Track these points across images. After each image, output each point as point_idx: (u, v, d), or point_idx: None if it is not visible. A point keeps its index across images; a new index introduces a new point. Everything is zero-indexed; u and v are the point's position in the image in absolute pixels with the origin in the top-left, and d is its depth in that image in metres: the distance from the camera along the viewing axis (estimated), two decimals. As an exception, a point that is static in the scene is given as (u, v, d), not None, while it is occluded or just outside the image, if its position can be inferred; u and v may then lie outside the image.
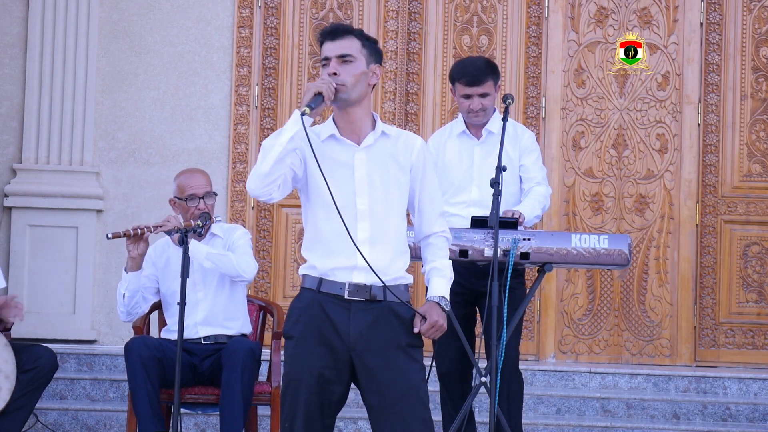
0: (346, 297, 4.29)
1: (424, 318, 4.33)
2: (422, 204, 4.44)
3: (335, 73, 4.28)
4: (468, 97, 6.11)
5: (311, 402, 4.27)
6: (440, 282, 4.43)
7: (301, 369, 4.28)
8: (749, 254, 8.56)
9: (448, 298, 4.42)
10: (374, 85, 4.41)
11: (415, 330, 4.33)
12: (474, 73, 6.10)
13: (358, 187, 4.30)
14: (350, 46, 4.33)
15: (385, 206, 4.32)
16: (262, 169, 4.20)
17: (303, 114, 4.17)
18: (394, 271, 4.32)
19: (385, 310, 4.31)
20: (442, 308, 4.37)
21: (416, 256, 4.96)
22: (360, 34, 4.36)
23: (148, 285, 6.33)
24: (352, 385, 4.39)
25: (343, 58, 4.30)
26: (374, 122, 4.39)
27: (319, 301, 4.29)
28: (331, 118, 4.38)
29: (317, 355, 4.26)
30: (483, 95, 6.11)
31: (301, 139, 4.21)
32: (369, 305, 4.30)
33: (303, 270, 4.37)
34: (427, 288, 4.49)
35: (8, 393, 6.27)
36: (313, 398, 4.27)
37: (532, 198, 6.15)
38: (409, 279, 4.39)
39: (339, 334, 4.28)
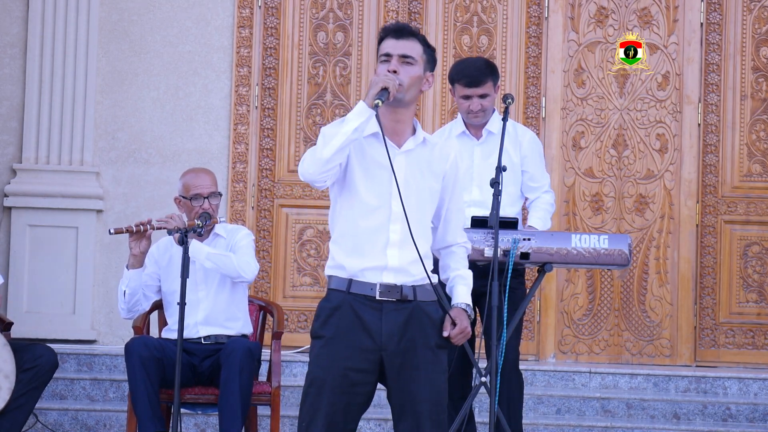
0: (377, 297, 4.29)
1: (454, 323, 4.36)
2: (449, 213, 4.48)
3: (395, 71, 4.28)
4: (467, 98, 6.12)
5: (334, 404, 4.26)
6: (464, 290, 4.47)
7: (326, 369, 4.27)
8: (749, 254, 8.56)
9: (471, 305, 4.47)
10: (423, 92, 4.45)
11: (445, 334, 4.35)
12: (473, 74, 6.10)
13: (395, 190, 4.30)
14: (414, 48, 4.35)
15: (417, 211, 4.33)
16: (324, 154, 4.20)
17: (377, 106, 4.19)
18: (421, 271, 4.33)
19: (416, 310, 4.32)
20: (468, 315, 4.41)
21: None
22: (423, 40, 4.38)
23: (150, 283, 6.33)
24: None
25: (405, 59, 4.32)
26: (415, 127, 4.41)
27: (350, 303, 4.29)
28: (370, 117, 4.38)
29: (344, 356, 4.26)
30: (482, 96, 6.11)
31: (363, 130, 4.23)
32: (400, 305, 4.31)
33: (330, 270, 4.37)
34: (448, 295, 4.50)
35: (8, 392, 6.27)
36: (336, 399, 4.26)
37: (541, 210, 6.19)
38: (434, 278, 4.40)
39: (371, 334, 4.28)
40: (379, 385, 4.37)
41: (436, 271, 4.49)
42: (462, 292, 4.46)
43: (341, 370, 4.26)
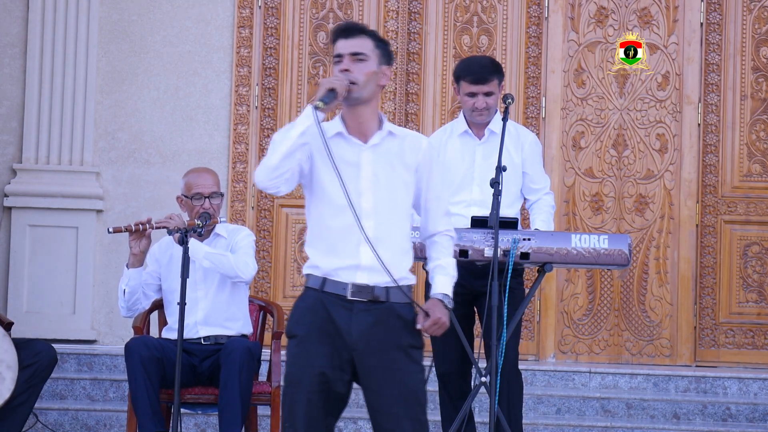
0: (348, 297, 4.30)
1: (426, 315, 4.34)
2: (428, 203, 4.46)
3: (348, 70, 4.29)
4: (473, 95, 6.12)
5: (312, 401, 4.27)
6: (444, 280, 4.45)
7: (302, 368, 4.28)
8: (749, 254, 8.56)
9: (451, 296, 4.44)
10: (383, 86, 4.43)
11: (418, 326, 4.34)
12: (479, 71, 6.11)
13: (364, 186, 4.31)
14: (363, 44, 4.35)
15: (389, 206, 4.33)
16: (271, 162, 4.21)
17: (316, 108, 4.20)
18: (397, 272, 4.32)
19: (387, 311, 4.32)
20: (445, 306, 4.38)
21: (418, 256, 4.97)
22: (373, 35, 4.39)
23: (150, 282, 6.34)
24: (355, 385, 4.39)
25: (357, 56, 4.33)
26: (381, 122, 4.41)
27: (323, 301, 4.31)
28: (339, 116, 4.39)
29: (319, 354, 4.27)
30: (487, 94, 6.12)
31: (312, 134, 4.23)
32: (371, 306, 4.31)
33: (306, 269, 4.38)
34: (429, 286, 4.49)
35: (12, 382, 6.27)
36: (314, 397, 4.27)
37: (544, 213, 6.20)
38: (412, 279, 4.39)
39: (341, 334, 4.28)
40: None
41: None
42: (439, 283, 4.44)
43: (316, 369, 4.26)
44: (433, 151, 4.48)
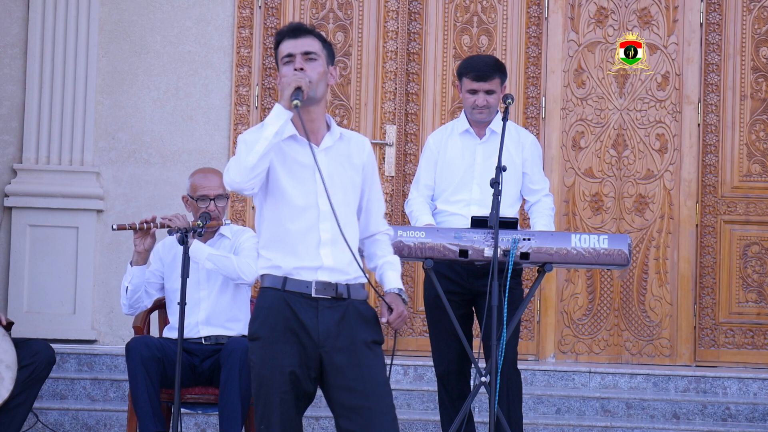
0: (313, 295, 4.31)
1: (390, 308, 4.40)
2: (370, 203, 4.53)
3: (302, 69, 4.31)
4: (474, 92, 6.12)
5: (286, 401, 4.29)
6: (395, 275, 4.53)
7: (273, 369, 4.29)
8: (749, 254, 8.56)
9: (403, 289, 4.51)
10: (330, 86, 4.48)
11: (383, 320, 4.40)
12: (482, 68, 6.12)
13: (320, 188, 4.32)
14: (312, 44, 4.41)
15: (344, 206, 4.36)
16: (248, 162, 4.22)
17: (296, 106, 4.22)
18: (354, 270, 4.37)
19: (350, 308, 4.36)
20: (403, 299, 4.44)
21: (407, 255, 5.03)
22: (319, 35, 4.44)
23: (153, 280, 6.35)
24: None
25: (308, 56, 4.38)
26: (328, 123, 4.45)
27: (285, 300, 4.31)
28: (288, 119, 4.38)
29: (288, 353, 4.28)
30: (489, 92, 6.12)
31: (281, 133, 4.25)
32: (335, 303, 4.34)
33: (264, 270, 4.38)
34: (378, 281, 4.54)
35: (11, 382, 6.27)
36: (287, 397, 4.29)
37: (544, 216, 6.21)
38: (364, 278, 4.42)
39: (308, 332, 4.30)
40: None
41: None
42: (393, 277, 4.50)
43: (287, 368, 4.28)
44: (373, 153, 4.54)
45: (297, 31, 4.42)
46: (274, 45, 4.49)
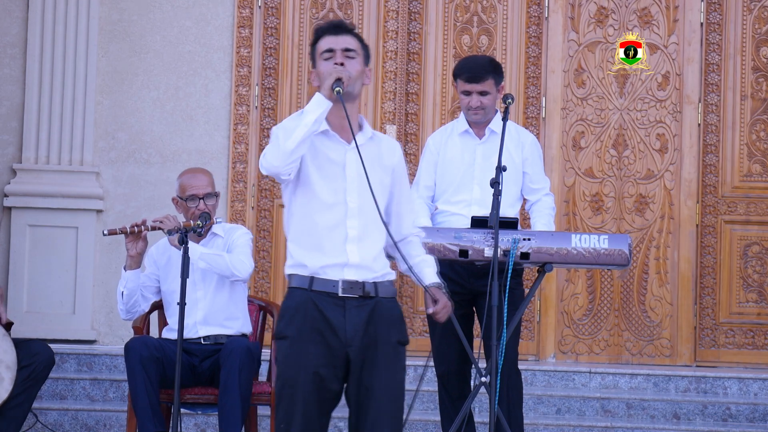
0: (339, 294, 4.31)
1: (434, 300, 4.43)
2: (401, 206, 4.54)
3: (343, 64, 4.32)
4: (467, 93, 6.12)
5: (308, 401, 4.28)
6: (432, 271, 4.55)
7: (296, 369, 4.30)
8: (749, 254, 8.56)
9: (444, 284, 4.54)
10: (365, 86, 4.51)
11: (428, 311, 4.44)
12: (474, 69, 6.11)
13: (349, 186, 4.34)
14: (352, 42, 4.43)
15: (372, 205, 4.34)
16: (288, 146, 4.24)
17: (338, 92, 4.25)
18: (380, 268, 4.38)
19: (378, 306, 4.36)
20: (444, 292, 4.48)
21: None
22: (358, 36, 4.47)
23: (149, 284, 6.34)
24: None
25: (348, 52, 4.39)
26: (361, 122, 4.47)
27: (313, 300, 4.32)
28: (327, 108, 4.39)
29: (313, 354, 4.28)
30: (483, 93, 6.11)
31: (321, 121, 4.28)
32: (363, 302, 4.34)
33: (290, 269, 4.39)
34: (416, 280, 4.53)
35: (11, 383, 6.26)
36: (309, 398, 4.28)
37: (545, 216, 6.21)
38: (393, 275, 4.44)
39: (335, 332, 4.30)
40: None
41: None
42: (431, 273, 4.53)
43: (311, 369, 4.28)
44: (403, 157, 4.56)
45: (338, 28, 4.45)
46: (312, 41, 4.49)
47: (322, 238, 4.32)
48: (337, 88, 4.24)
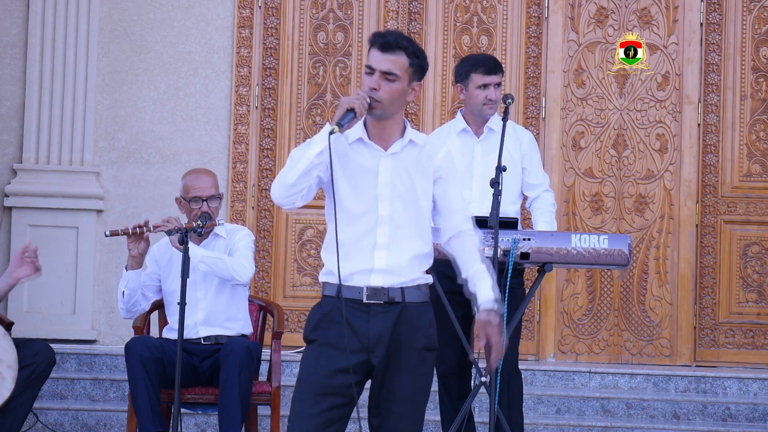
0: (364, 301, 4.30)
1: (488, 344, 4.26)
2: (451, 203, 4.42)
3: (375, 89, 4.28)
4: (485, 86, 6.13)
5: (322, 404, 4.28)
6: (487, 284, 4.36)
7: (314, 371, 4.30)
8: (749, 254, 8.56)
9: (499, 298, 4.38)
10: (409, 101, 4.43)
11: (481, 344, 4.26)
12: (492, 61, 6.19)
13: (381, 193, 4.32)
14: (397, 62, 4.30)
15: (406, 213, 4.33)
16: (288, 179, 4.24)
17: (331, 132, 4.20)
18: (410, 272, 4.33)
19: (404, 312, 4.33)
20: (498, 314, 4.31)
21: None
22: (411, 52, 4.33)
23: (150, 283, 6.34)
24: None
25: (387, 75, 4.29)
26: (404, 129, 4.40)
27: (340, 308, 4.31)
28: (361, 121, 4.34)
29: (333, 357, 4.28)
30: (498, 85, 6.15)
31: (334, 142, 4.23)
32: (388, 307, 4.31)
33: (323, 277, 4.39)
34: (471, 292, 4.38)
35: (12, 382, 6.26)
36: (323, 400, 4.28)
37: (546, 213, 6.21)
38: (428, 278, 4.39)
39: (359, 337, 4.30)
40: None
41: (431, 270, 4.47)
42: (484, 289, 4.33)
43: (329, 372, 4.27)
44: (452, 158, 4.46)
45: (387, 45, 4.31)
46: (369, 45, 4.40)
47: (351, 245, 4.31)
48: (334, 127, 4.18)
